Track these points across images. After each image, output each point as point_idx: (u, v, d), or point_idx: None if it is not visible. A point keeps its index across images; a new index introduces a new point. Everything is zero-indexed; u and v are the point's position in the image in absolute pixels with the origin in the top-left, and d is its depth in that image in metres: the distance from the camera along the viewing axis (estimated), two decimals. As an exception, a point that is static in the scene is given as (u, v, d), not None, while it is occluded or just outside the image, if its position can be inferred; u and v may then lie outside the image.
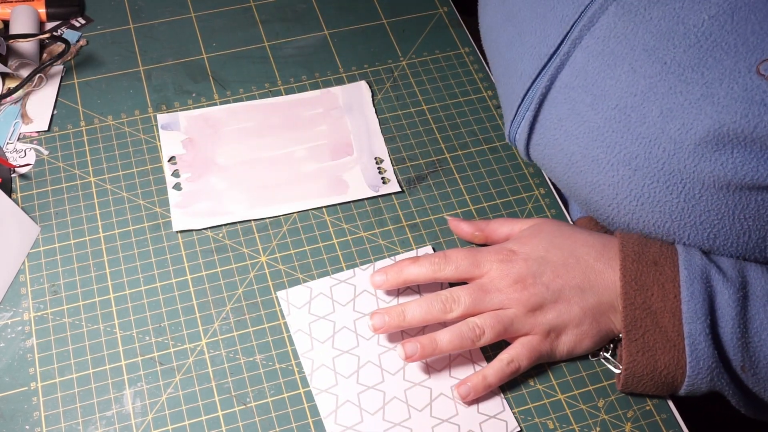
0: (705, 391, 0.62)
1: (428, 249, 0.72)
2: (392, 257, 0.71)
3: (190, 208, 0.73)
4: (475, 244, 0.72)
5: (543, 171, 0.72)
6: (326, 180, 0.76)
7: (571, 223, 0.73)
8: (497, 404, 0.63)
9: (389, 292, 0.69)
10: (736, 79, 0.54)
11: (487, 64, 0.86)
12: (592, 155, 0.63)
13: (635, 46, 0.59)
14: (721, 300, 0.59)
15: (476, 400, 0.64)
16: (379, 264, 0.70)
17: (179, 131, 0.79)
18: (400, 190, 0.76)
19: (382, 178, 0.76)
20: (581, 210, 0.74)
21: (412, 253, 0.71)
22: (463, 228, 0.71)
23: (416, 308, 0.64)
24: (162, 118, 0.79)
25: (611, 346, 0.66)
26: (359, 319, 0.67)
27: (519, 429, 0.63)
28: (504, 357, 0.64)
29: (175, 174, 0.76)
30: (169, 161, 0.76)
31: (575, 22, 0.63)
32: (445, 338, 0.63)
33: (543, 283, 0.64)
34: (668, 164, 0.59)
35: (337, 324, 0.67)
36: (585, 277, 0.64)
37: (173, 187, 0.75)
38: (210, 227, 0.73)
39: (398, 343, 0.64)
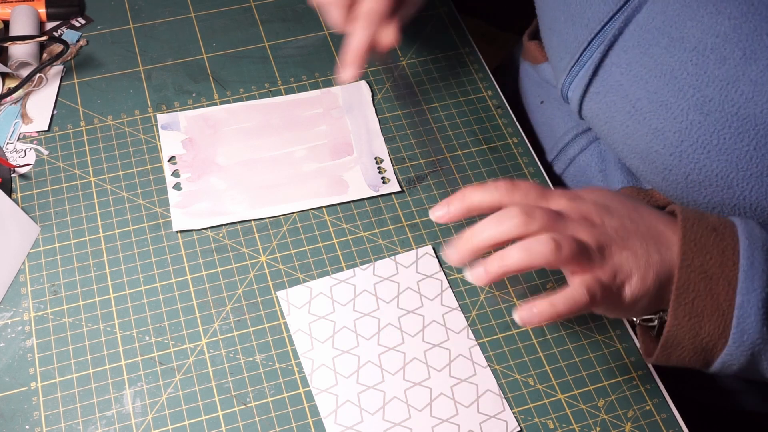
0: (737, 369, 0.59)
1: (428, 249, 0.72)
2: (392, 257, 0.71)
3: (190, 208, 0.73)
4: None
5: (593, 126, 0.70)
6: (326, 180, 0.76)
7: None
8: (497, 404, 0.63)
9: (390, 294, 0.69)
10: None
11: (486, 62, 0.86)
12: (660, 100, 0.62)
13: None
14: None
15: (476, 400, 0.64)
16: (379, 264, 0.70)
17: (179, 131, 0.79)
18: (400, 190, 0.76)
19: (382, 178, 0.76)
20: (626, 176, 0.72)
21: (412, 253, 0.71)
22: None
23: (487, 226, 0.57)
24: (162, 118, 0.79)
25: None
26: (359, 318, 0.67)
27: (519, 429, 0.63)
28: (577, 283, 0.56)
29: (175, 174, 0.76)
30: (169, 161, 0.76)
31: None
32: (513, 255, 0.56)
33: (611, 226, 0.59)
34: (744, 108, 0.57)
35: (337, 324, 0.67)
36: (649, 233, 0.60)
37: (173, 187, 0.75)
38: (210, 227, 0.73)
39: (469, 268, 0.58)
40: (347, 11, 0.70)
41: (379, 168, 0.77)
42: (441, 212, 0.60)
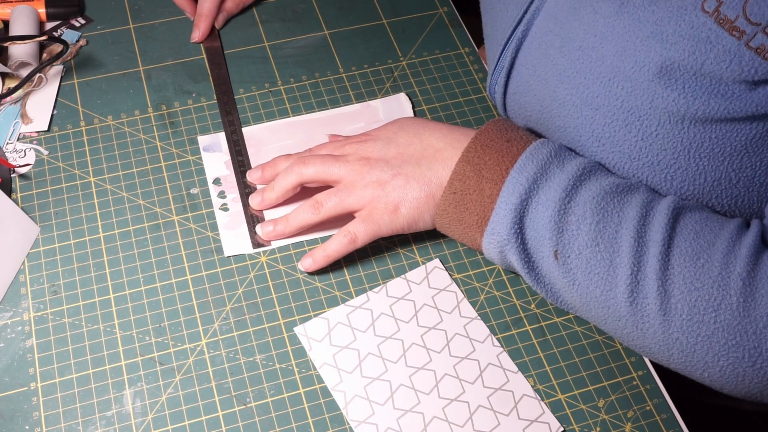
0: (499, 263, 0.66)
1: (436, 262, 0.71)
2: (402, 276, 0.70)
3: (240, 229, 0.72)
4: None
5: (519, 123, 0.73)
6: None
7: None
8: (536, 408, 0.63)
9: (408, 313, 0.68)
10: (683, 16, 0.56)
11: (487, 63, 0.86)
12: (560, 98, 0.65)
13: None
14: (552, 184, 0.62)
15: (515, 407, 0.63)
16: (391, 285, 0.69)
17: (221, 152, 0.78)
18: None
19: None
20: None
21: (421, 269, 0.71)
22: None
23: (277, 181, 0.72)
24: (203, 140, 0.78)
25: None
26: (382, 343, 0.66)
27: (562, 429, 0.62)
28: (342, 230, 0.68)
29: (221, 195, 0.75)
30: (213, 183, 0.76)
31: None
32: (292, 215, 0.70)
33: (385, 160, 0.68)
34: (626, 102, 0.61)
35: (361, 352, 0.66)
36: (423, 153, 0.68)
37: (220, 208, 0.74)
38: (261, 251, 0.71)
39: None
40: None
41: None
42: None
